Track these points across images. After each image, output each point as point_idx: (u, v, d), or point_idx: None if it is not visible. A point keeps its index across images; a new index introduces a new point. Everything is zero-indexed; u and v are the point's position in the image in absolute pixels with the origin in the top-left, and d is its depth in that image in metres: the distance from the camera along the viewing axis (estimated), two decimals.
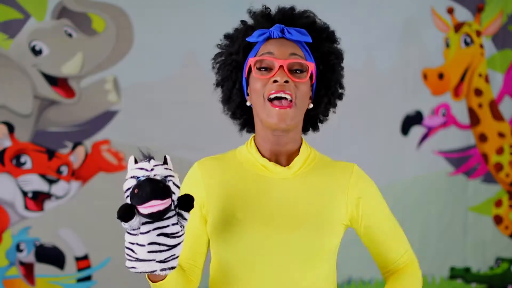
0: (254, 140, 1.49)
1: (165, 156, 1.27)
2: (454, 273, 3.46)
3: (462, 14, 3.39)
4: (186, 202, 1.26)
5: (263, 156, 1.45)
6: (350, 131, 3.22)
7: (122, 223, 1.21)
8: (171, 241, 1.24)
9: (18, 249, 2.94)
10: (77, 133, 2.99)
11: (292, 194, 1.42)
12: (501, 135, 3.48)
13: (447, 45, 3.39)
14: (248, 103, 1.46)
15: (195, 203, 1.37)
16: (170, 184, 1.22)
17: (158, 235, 1.22)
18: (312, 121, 1.51)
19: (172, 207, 1.24)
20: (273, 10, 1.48)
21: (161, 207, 1.19)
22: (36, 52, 2.93)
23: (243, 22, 1.50)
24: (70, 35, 2.96)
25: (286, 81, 1.36)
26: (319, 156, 1.50)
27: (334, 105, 1.50)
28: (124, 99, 3.03)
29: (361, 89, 3.22)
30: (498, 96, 3.47)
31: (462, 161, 3.44)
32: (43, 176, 2.95)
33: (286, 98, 1.36)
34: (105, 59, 3.01)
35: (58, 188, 2.97)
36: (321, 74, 1.45)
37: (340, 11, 3.11)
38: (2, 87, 2.92)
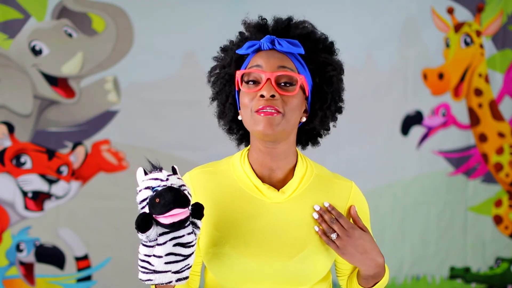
0: (248, 154, 1.42)
1: (173, 167, 1.25)
2: (454, 273, 3.46)
3: (462, 14, 3.39)
4: (198, 211, 1.25)
5: (255, 172, 1.39)
6: (350, 131, 3.22)
7: (139, 234, 1.20)
8: (186, 251, 1.23)
9: (18, 249, 2.94)
10: (77, 133, 3.00)
11: (285, 218, 1.37)
12: (501, 135, 3.48)
13: (447, 45, 3.39)
14: (239, 117, 1.39)
15: None
16: (186, 193, 1.21)
17: (174, 245, 1.22)
18: (309, 135, 1.45)
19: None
20: (271, 20, 1.42)
21: (183, 216, 1.19)
22: (36, 52, 2.93)
23: (240, 33, 1.44)
24: (70, 35, 2.96)
25: (273, 95, 1.30)
26: (316, 171, 1.44)
27: (333, 119, 1.44)
28: (124, 99, 3.03)
29: (361, 89, 3.22)
30: (498, 96, 3.47)
31: (462, 161, 3.44)
32: (43, 176, 2.95)
33: (273, 112, 1.31)
34: (105, 59, 3.01)
35: (58, 188, 2.97)
36: (316, 87, 1.38)
37: (340, 11, 3.11)
38: (2, 87, 2.92)
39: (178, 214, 1.18)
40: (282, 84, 1.33)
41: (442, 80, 3.38)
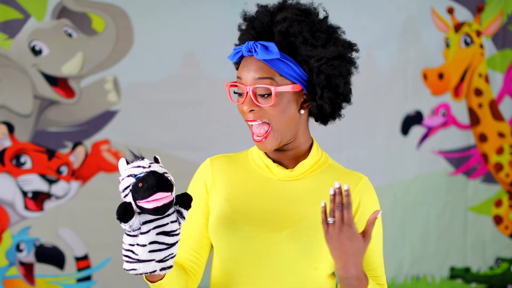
0: None
1: (155, 157, 1.27)
2: (454, 273, 3.46)
3: (462, 14, 3.38)
4: (186, 201, 1.26)
5: (269, 156, 1.45)
6: (350, 131, 3.22)
7: (122, 224, 1.20)
8: (170, 240, 1.23)
9: (18, 249, 2.94)
10: (77, 133, 3.00)
11: (289, 195, 1.42)
12: (501, 135, 3.48)
13: (447, 45, 3.39)
14: None
15: (200, 198, 1.41)
16: (169, 179, 1.21)
17: (158, 233, 1.22)
18: (318, 117, 1.47)
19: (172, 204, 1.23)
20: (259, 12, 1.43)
21: (166, 200, 1.19)
22: (36, 52, 2.93)
23: (239, 26, 1.47)
24: (70, 35, 2.96)
25: (252, 110, 1.36)
26: (331, 162, 1.48)
27: (337, 108, 1.45)
28: (124, 99, 3.03)
29: (361, 89, 3.22)
30: (498, 96, 3.47)
31: (462, 161, 3.44)
32: (43, 176, 2.95)
33: (261, 123, 1.38)
34: (105, 59, 3.01)
35: (58, 188, 2.97)
36: (309, 77, 1.40)
37: (340, 11, 3.10)
38: (2, 87, 2.92)
39: (161, 198, 1.18)
40: (260, 95, 1.37)
41: (442, 80, 3.38)
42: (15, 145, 2.92)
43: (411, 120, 3.37)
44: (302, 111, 1.41)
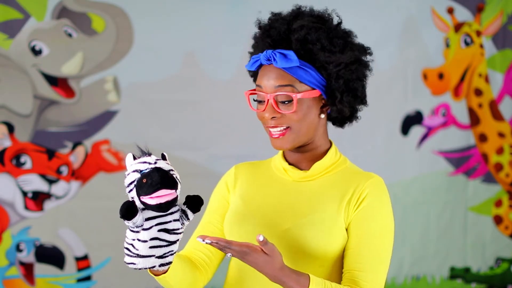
0: None
1: (162, 154, 1.28)
2: (454, 273, 3.46)
3: (462, 14, 3.38)
4: (195, 203, 1.26)
5: (287, 160, 1.50)
6: (350, 131, 3.21)
7: (126, 222, 1.20)
8: (170, 237, 1.24)
9: (18, 249, 2.94)
10: (77, 133, 2.99)
11: (303, 194, 1.45)
12: (501, 135, 3.48)
13: (447, 45, 3.39)
14: None
15: (222, 196, 1.50)
16: (174, 176, 1.21)
17: (159, 230, 1.22)
18: (336, 120, 1.53)
19: (176, 203, 1.24)
20: (283, 9, 1.49)
21: (169, 198, 1.19)
22: (36, 52, 2.93)
23: (254, 35, 1.51)
24: (70, 35, 2.96)
25: (274, 117, 1.41)
26: (349, 165, 1.51)
27: (354, 110, 1.51)
28: (124, 99, 3.03)
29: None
30: (498, 96, 3.47)
31: (462, 161, 3.44)
32: (43, 176, 2.95)
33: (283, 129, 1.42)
34: (105, 59, 3.01)
35: (58, 188, 2.97)
36: (327, 82, 1.44)
37: (340, 11, 3.10)
38: (2, 87, 2.91)
39: (165, 195, 1.18)
40: (281, 102, 1.41)
41: (442, 80, 3.38)
42: (15, 145, 2.92)
43: (411, 120, 3.37)
44: (322, 116, 1.46)
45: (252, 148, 2.85)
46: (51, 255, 2.98)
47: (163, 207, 1.20)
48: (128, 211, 1.19)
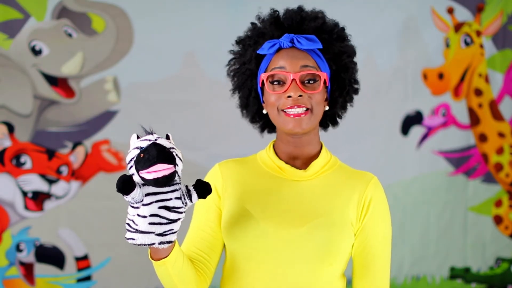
0: (273, 145, 1.52)
1: (167, 134, 1.28)
2: (454, 273, 3.46)
3: (462, 14, 3.39)
4: (203, 189, 1.26)
5: (280, 159, 1.49)
6: (350, 131, 3.22)
7: (125, 197, 1.20)
8: (171, 215, 1.23)
9: (18, 249, 2.94)
10: (77, 133, 3.00)
11: (305, 194, 1.45)
12: (501, 135, 3.48)
13: (447, 45, 3.39)
14: (264, 111, 1.49)
15: (212, 201, 1.45)
16: (174, 155, 1.21)
17: (160, 207, 1.22)
18: (330, 118, 1.54)
19: (178, 180, 1.23)
20: (281, 10, 1.49)
21: (166, 172, 1.19)
22: (36, 52, 2.93)
23: (253, 24, 1.50)
24: (70, 35, 2.96)
25: (300, 95, 1.39)
26: (340, 163, 1.53)
27: (351, 100, 1.53)
28: (124, 99, 3.03)
29: (361, 89, 3.22)
30: (498, 96, 3.47)
31: (462, 161, 3.44)
32: (43, 176, 2.95)
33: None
34: (105, 59, 3.01)
35: (58, 188, 2.97)
36: (334, 75, 1.47)
37: (340, 11, 3.10)
38: (2, 87, 2.92)
39: (161, 170, 1.18)
40: (306, 81, 1.41)
41: (442, 80, 3.38)
42: (15, 145, 2.92)
43: (411, 120, 3.37)
44: (327, 108, 1.48)
45: (252, 148, 2.84)
46: (51, 255, 2.98)
47: (161, 182, 1.19)
48: (125, 184, 1.18)
